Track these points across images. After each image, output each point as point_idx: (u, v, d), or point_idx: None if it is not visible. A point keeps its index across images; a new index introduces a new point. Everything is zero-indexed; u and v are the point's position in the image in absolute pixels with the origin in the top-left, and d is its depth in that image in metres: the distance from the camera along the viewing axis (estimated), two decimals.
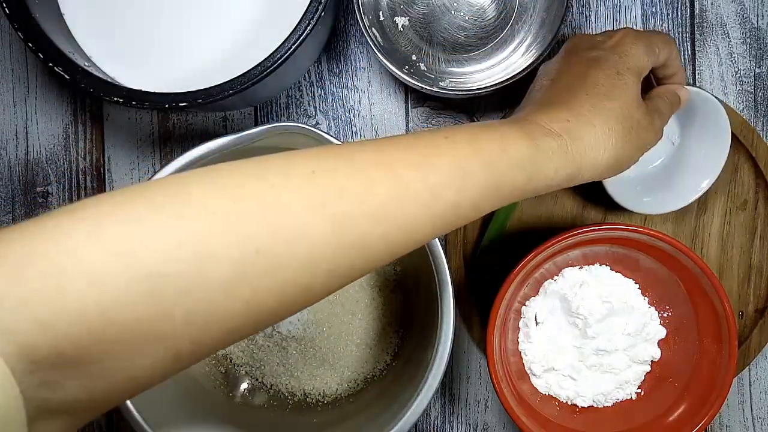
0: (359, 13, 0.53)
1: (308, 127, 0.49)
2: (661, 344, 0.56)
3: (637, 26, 0.61)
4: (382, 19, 0.56)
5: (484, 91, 0.54)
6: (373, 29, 0.55)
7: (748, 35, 0.60)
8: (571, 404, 0.55)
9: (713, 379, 0.52)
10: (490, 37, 0.56)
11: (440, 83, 0.55)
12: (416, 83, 0.54)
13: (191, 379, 0.57)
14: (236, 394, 0.59)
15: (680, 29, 0.60)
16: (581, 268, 0.56)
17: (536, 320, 0.55)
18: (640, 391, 0.56)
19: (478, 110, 0.61)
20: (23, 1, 0.49)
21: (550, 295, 0.55)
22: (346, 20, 0.61)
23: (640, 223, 0.59)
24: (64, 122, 0.62)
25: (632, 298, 0.55)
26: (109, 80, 0.51)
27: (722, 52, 0.60)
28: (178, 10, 0.54)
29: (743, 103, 0.60)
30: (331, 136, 0.49)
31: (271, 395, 0.59)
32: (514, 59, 0.56)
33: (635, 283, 0.56)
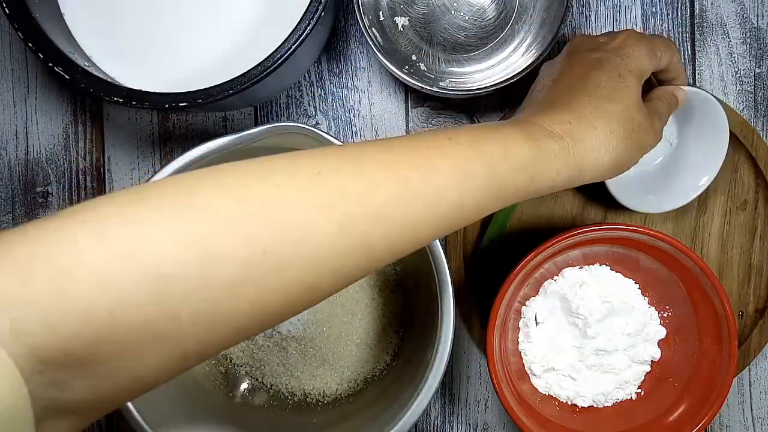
0: (359, 13, 0.53)
1: (308, 127, 0.49)
2: (661, 344, 0.56)
3: (637, 26, 0.61)
4: (382, 19, 0.56)
5: (484, 91, 0.54)
6: (373, 29, 0.55)
7: (748, 35, 0.60)
8: (571, 404, 0.55)
9: (713, 379, 0.52)
10: (490, 37, 0.56)
11: (440, 83, 0.55)
12: (416, 83, 0.54)
13: (191, 379, 0.57)
14: (236, 394, 0.59)
15: (680, 29, 0.60)
16: (581, 268, 0.56)
17: (536, 320, 0.55)
18: (640, 391, 0.56)
19: (478, 110, 0.61)
20: (23, 1, 0.49)
21: (550, 295, 0.55)
22: (346, 20, 0.61)
23: (640, 222, 0.59)
24: (64, 122, 0.62)
25: (632, 298, 0.55)
26: (109, 80, 0.51)
27: (722, 52, 0.60)
28: (178, 10, 0.54)
29: (743, 103, 0.60)
30: (331, 136, 0.49)
31: (271, 395, 0.59)
32: (514, 59, 0.56)
33: (635, 283, 0.56)
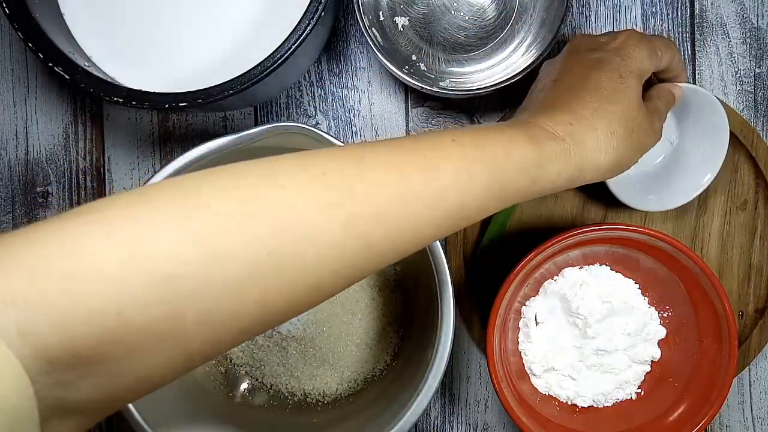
0: (359, 13, 0.53)
1: (308, 127, 0.49)
2: (661, 344, 0.56)
3: (637, 26, 0.61)
4: (382, 19, 0.56)
5: (484, 91, 0.54)
6: (373, 29, 0.55)
7: (748, 35, 0.60)
8: (571, 404, 0.55)
9: (713, 379, 0.52)
10: (490, 37, 0.56)
11: (440, 83, 0.55)
12: (416, 83, 0.54)
13: (191, 379, 0.57)
14: (236, 394, 0.59)
15: (680, 29, 0.60)
16: (581, 268, 0.56)
17: (536, 320, 0.55)
18: (640, 391, 0.56)
19: (478, 110, 0.61)
20: (23, 1, 0.49)
21: (550, 295, 0.55)
22: (346, 20, 0.61)
23: (640, 222, 0.59)
24: (64, 122, 0.62)
25: (632, 298, 0.55)
26: (109, 80, 0.51)
27: (722, 52, 0.60)
28: (178, 10, 0.54)
29: (743, 103, 0.60)
30: (331, 136, 0.49)
31: (271, 395, 0.59)
32: (514, 59, 0.56)
33: (635, 283, 0.56)
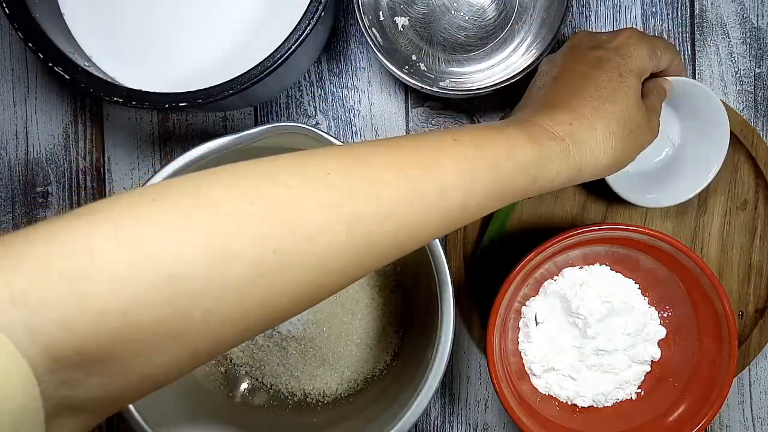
0: (359, 13, 0.53)
1: (308, 127, 0.49)
2: (661, 344, 0.56)
3: (637, 26, 0.60)
4: (382, 19, 0.56)
5: (484, 91, 0.54)
6: (373, 29, 0.55)
7: (748, 35, 0.60)
8: (571, 404, 0.55)
9: (713, 379, 0.52)
10: (490, 37, 0.56)
11: (440, 83, 0.55)
12: (416, 83, 0.54)
13: (191, 379, 0.57)
14: (236, 394, 0.59)
15: (680, 29, 0.60)
16: (581, 268, 0.56)
17: (536, 320, 0.55)
18: (640, 391, 0.56)
19: (478, 110, 0.61)
20: (23, 1, 0.49)
21: (550, 295, 0.55)
22: (346, 20, 0.61)
23: (640, 221, 0.59)
24: (64, 122, 0.62)
25: (632, 298, 0.55)
26: (109, 80, 0.51)
27: (722, 52, 0.60)
28: (178, 10, 0.54)
29: (743, 103, 0.60)
30: (331, 136, 0.49)
31: (271, 395, 0.59)
32: (514, 59, 0.56)
33: (635, 283, 0.56)
